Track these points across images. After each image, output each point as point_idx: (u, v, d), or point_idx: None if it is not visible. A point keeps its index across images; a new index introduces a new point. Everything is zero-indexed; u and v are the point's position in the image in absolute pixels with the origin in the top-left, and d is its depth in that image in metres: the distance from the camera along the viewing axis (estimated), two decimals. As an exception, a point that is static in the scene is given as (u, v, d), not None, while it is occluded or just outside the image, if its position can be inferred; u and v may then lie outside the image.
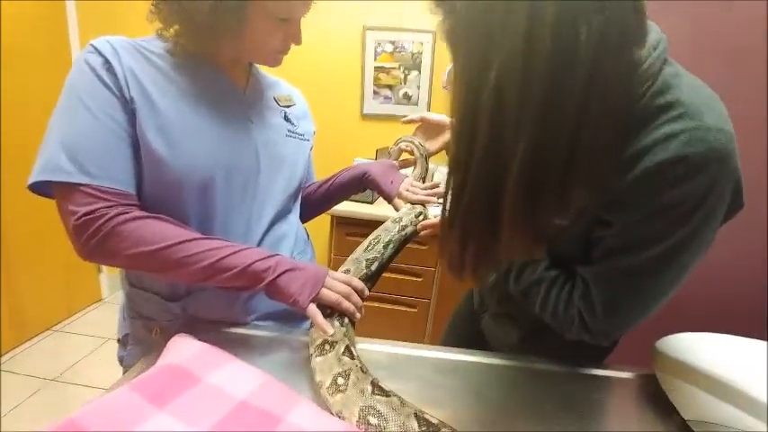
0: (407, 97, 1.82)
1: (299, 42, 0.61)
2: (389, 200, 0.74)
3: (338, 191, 0.79)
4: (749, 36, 0.59)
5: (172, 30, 0.54)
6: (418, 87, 1.80)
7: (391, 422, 0.38)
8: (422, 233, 0.68)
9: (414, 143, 0.77)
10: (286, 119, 0.68)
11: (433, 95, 1.81)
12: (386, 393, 0.42)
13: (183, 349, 0.45)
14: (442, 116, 0.78)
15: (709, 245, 0.43)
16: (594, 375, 0.58)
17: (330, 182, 0.79)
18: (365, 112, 1.86)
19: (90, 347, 1.73)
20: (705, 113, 0.37)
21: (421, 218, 0.70)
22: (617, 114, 0.35)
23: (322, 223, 1.51)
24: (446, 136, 0.77)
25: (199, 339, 0.49)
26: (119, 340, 0.63)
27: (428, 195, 0.71)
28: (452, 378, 0.54)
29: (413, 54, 1.76)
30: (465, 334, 0.79)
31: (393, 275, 1.49)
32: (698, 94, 0.40)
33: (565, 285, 0.51)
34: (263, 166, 0.61)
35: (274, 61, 0.61)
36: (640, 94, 0.39)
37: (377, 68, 1.79)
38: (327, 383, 0.44)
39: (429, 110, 1.83)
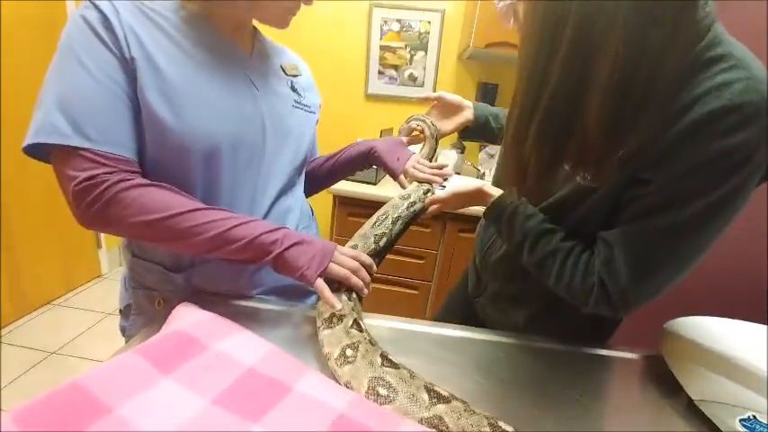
0: (413, 78, 1.78)
1: (310, 2, 0.58)
2: (395, 176, 0.72)
3: (343, 166, 0.77)
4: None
5: None
6: (424, 68, 1.76)
7: (401, 393, 0.38)
8: (430, 209, 0.67)
9: (426, 122, 0.75)
10: (293, 89, 0.66)
11: (439, 77, 1.78)
12: (395, 366, 0.42)
13: (189, 317, 0.44)
14: (458, 97, 0.76)
15: (746, 203, 0.42)
16: (599, 355, 0.58)
17: (336, 157, 0.78)
18: (369, 92, 1.83)
19: (90, 322, 1.73)
20: (756, 67, 0.38)
21: (429, 195, 0.69)
22: (687, 53, 0.37)
23: (324, 203, 1.50)
24: (460, 118, 0.76)
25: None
26: (120, 311, 0.62)
27: (435, 175, 0.70)
28: (457, 354, 0.54)
29: (420, 33, 1.71)
30: (459, 315, 0.79)
31: (395, 257, 1.49)
32: (745, 49, 0.40)
33: (582, 254, 0.51)
34: (269, 138, 0.59)
35: (283, 22, 0.58)
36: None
37: (383, 47, 1.75)
38: (336, 355, 0.44)
39: (435, 91, 1.80)
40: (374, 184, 1.52)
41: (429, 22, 1.69)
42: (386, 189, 1.49)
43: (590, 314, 0.61)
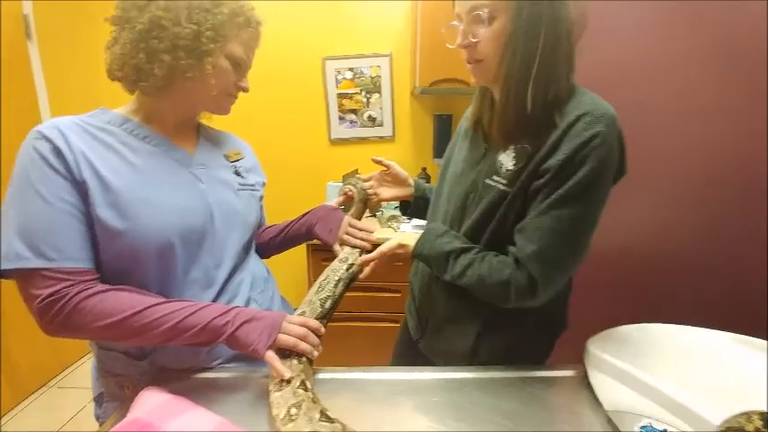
0: (372, 119, 1.90)
1: (247, 89, 0.68)
2: (330, 247, 0.80)
3: (290, 242, 0.86)
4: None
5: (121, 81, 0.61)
6: (381, 108, 1.88)
7: (332, 447, 0.43)
8: (364, 270, 0.74)
9: (356, 187, 0.84)
10: (236, 173, 0.74)
11: (396, 113, 1.89)
12: (331, 420, 0.47)
13: (147, 403, 0.50)
14: (404, 173, 0.86)
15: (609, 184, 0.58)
16: (540, 377, 0.63)
17: (285, 232, 0.85)
18: (333, 137, 1.94)
19: (86, 399, 1.75)
20: (603, 103, 0.57)
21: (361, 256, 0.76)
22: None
23: (299, 251, 1.57)
24: (401, 192, 0.86)
25: (168, 388, 0.53)
26: (95, 399, 0.67)
27: (363, 241, 0.77)
28: (408, 396, 0.59)
29: (372, 78, 1.84)
30: (408, 358, 0.85)
31: (373, 294, 1.54)
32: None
33: (494, 257, 0.61)
34: (218, 223, 0.66)
35: (223, 109, 0.68)
36: None
37: (339, 95, 1.87)
38: (282, 415, 0.49)
39: (394, 129, 1.91)
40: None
41: (379, 67, 1.82)
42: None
43: (530, 329, 0.68)
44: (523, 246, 0.58)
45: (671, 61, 0.82)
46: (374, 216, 0.92)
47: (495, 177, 0.63)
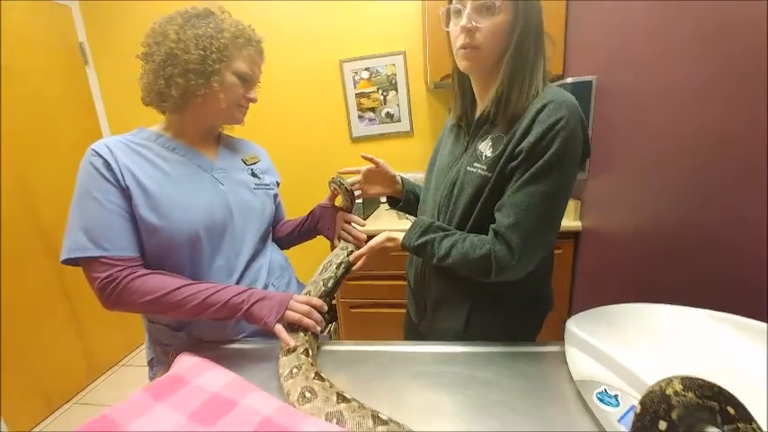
0: (390, 116, 1.97)
1: (255, 100, 0.79)
2: (331, 242, 0.91)
3: (304, 236, 0.98)
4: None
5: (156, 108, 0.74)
6: (398, 105, 1.95)
7: (319, 398, 0.53)
8: (357, 264, 0.83)
9: (336, 183, 0.91)
10: (253, 174, 0.86)
11: (412, 109, 1.95)
12: (322, 379, 0.57)
13: (182, 363, 0.62)
14: (392, 171, 0.92)
15: (574, 166, 0.64)
16: (526, 352, 0.69)
17: (298, 228, 0.97)
18: (354, 135, 2.03)
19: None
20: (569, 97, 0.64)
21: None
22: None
23: (319, 241, 1.69)
24: (387, 188, 0.93)
25: (202, 355, 0.66)
26: (148, 363, 0.83)
27: (357, 240, 0.88)
28: (402, 366, 0.68)
29: (388, 76, 1.91)
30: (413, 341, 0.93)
31: (386, 282, 1.63)
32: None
33: (474, 237, 0.68)
34: (237, 219, 0.78)
35: (235, 119, 0.79)
36: None
37: (358, 95, 1.96)
38: (285, 374, 0.60)
39: (411, 124, 1.97)
40: (363, 219, 1.69)
41: (394, 65, 1.89)
42: (375, 224, 1.66)
43: (516, 308, 0.74)
44: (501, 220, 0.64)
45: (668, 47, 0.82)
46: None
47: (476, 165, 0.69)
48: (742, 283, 0.69)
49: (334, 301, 1.79)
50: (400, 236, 0.78)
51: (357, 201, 1.57)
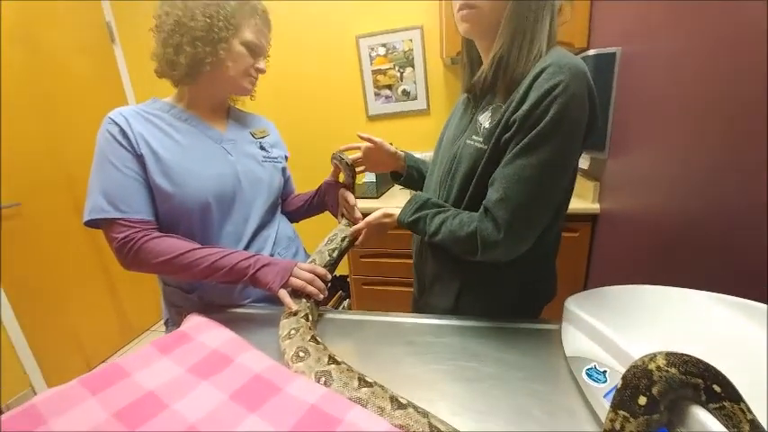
0: (406, 93, 1.94)
1: (263, 70, 0.81)
2: (336, 217, 0.94)
3: (314, 211, 1.01)
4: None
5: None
6: (414, 82, 1.91)
7: (312, 358, 0.55)
8: (358, 239, 0.85)
9: (337, 159, 0.92)
10: (261, 147, 0.88)
11: (429, 85, 1.91)
12: (317, 342, 0.59)
13: (190, 321, 0.66)
14: (392, 148, 0.92)
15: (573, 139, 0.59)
16: (524, 328, 0.69)
17: (308, 203, 0.99)
18: (370, 113, 2.02)
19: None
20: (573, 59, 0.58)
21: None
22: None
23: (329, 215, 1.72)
24: (389, 165, 0.93)
25: (210, 317, 0.69)
26: (164, 323, 0.88)
27: (352, 218, 0.89)
28: (394, 336, 0.69)
29: (404, 52, 1.86)
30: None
31: (394, 260, 1.64)
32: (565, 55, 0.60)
33: (462, 214, 0.66)
34: (245, 188, 0.81)
35: (244, 90, 0.81)
36: None
37: (374, 71, 1.93)
38: (283, 334, 0.63)
39: (428, 102, 1.93)
40: (377, 198, 1.70)
41: (411, 40, 1.84)
42: (387, 202, 1.67)
43: (509, 292, 0.73)
44: (491, 195, 0.61)
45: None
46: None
47: (473, 137, 0.67)
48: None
49: (348, 278, 1.83)
50: (397, 212, 0.78)
51: (370, 179, 1.59)
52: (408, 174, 0.92)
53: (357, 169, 0.93)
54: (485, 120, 0.66)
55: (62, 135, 1.85)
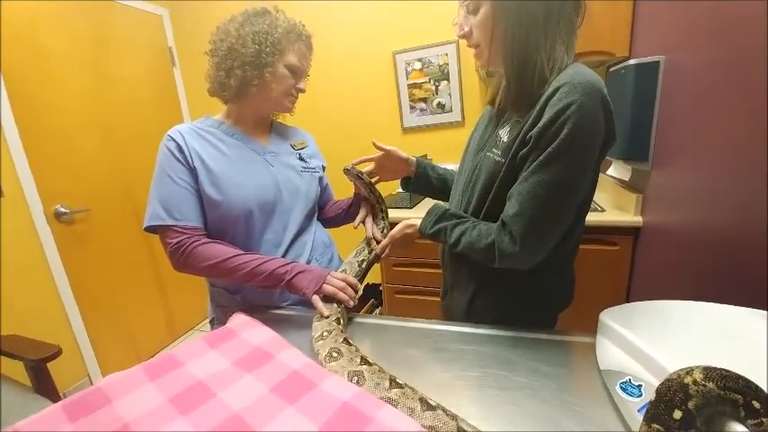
0: (441, 106, 1.96)
1: (304, 90, 0.87)
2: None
3: (350, 219, 1.03)
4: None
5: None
6: (449, 95, 1.93)
7: (344, 358, 0.58)
8: (383, 255, 0.88)
9: (351, 174, 0.92)
10: (300, 158, 0.94)
11: (464, 98, 1.92)
12: (349, 344, 0.62)
13: (235, 319, 0.72)
14: (404, 155, 0.95)
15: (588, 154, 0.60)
16: (557, 340, 0.68)
17: (346, 211, 1.03)
18: (405, 126, 2.06)
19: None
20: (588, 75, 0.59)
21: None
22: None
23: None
24: (402, 172, 0.96)
25: (252, 316, 0.74)
26: (210, 321, 0.95)
27: (371, 238, 0.90)
28: (419, 340, 0.71)
29: (440, 66, 1.90)
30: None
31: (426, 270, 1.66)
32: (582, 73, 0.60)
33: (482, 225, 0.69)
34: (285, 198, 0.87)
35: (285, 108, 0.87)
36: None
37: (410, 86, 1.98)
38: (317, 336, 0.67)
39: (463, 114, 1.94)
40: (410, 208, 1.73)
41: (446, 54, 1.87)
42: (420, 212, 1.68)
43: (522, 298, 0.74)
44: (508, 209, 0.64)
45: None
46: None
47: (493, 150, 0.69)
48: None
49: (380, 287, 1.86)
50: (418, 222, 0.80)
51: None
52: (416, 177, 0.94)
53: (373, 179, 0.95)
54: (504, 134, 0.68)
55: (125, 150, 2.06)
